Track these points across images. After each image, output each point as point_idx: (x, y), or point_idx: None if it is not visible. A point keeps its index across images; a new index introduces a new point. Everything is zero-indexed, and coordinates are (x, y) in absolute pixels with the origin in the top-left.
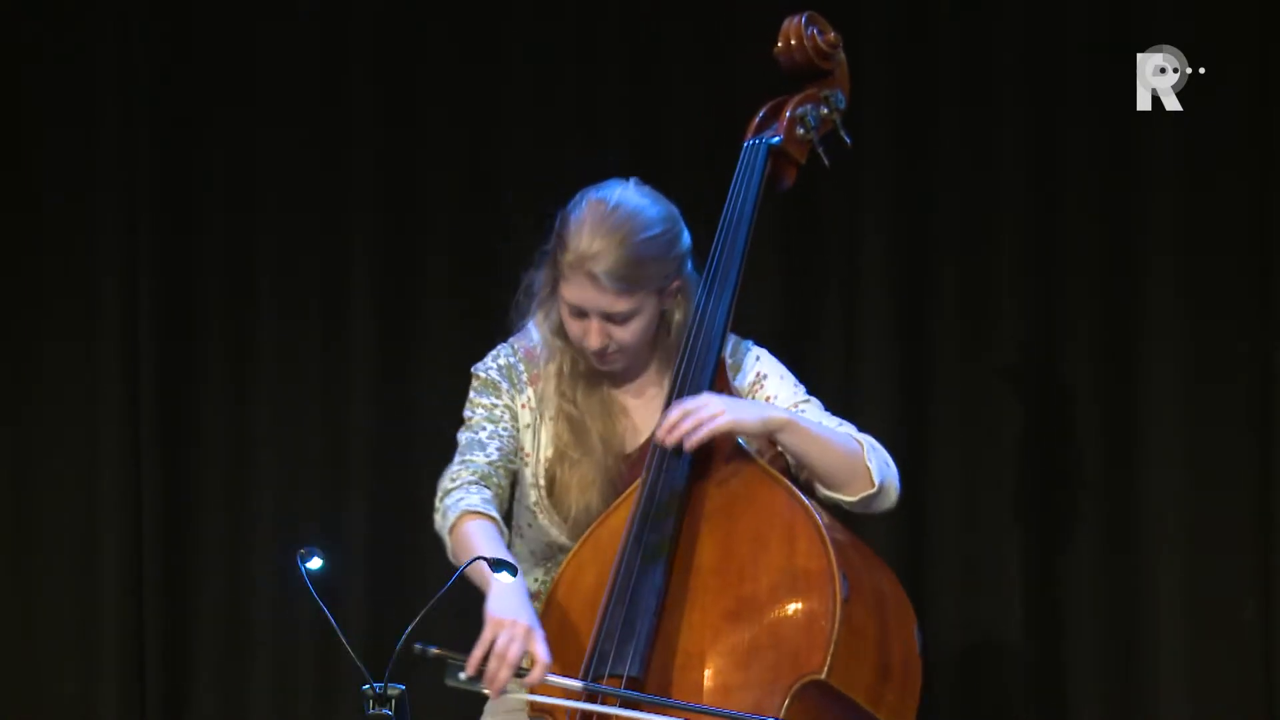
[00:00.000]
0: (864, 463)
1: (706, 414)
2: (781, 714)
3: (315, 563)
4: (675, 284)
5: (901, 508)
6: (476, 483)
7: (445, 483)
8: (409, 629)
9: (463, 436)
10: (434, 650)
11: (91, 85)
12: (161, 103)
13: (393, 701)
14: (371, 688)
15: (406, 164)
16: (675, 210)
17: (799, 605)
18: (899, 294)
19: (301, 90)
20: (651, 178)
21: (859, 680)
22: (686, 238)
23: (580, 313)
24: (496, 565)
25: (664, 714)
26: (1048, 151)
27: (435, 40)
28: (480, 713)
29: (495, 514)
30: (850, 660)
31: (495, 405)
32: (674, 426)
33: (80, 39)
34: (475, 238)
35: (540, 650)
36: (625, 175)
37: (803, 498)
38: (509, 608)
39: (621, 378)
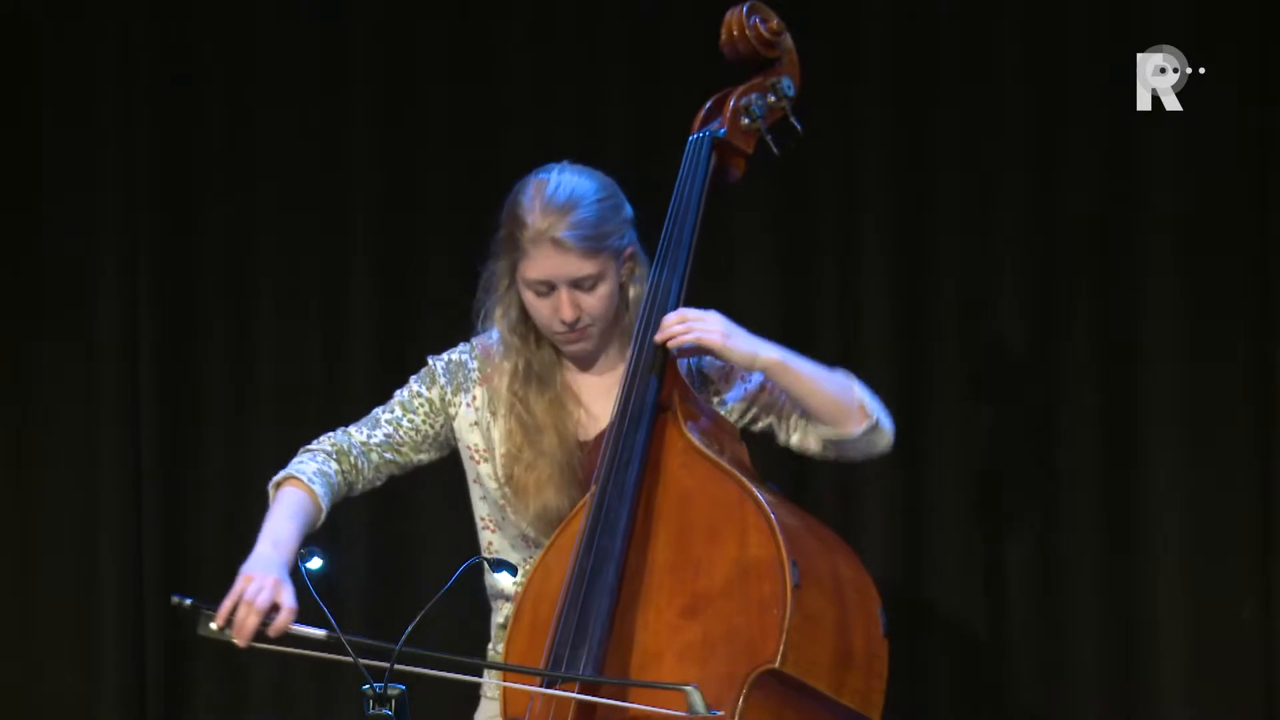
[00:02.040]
0: (856, 396)
1: (701, 326)
2: (739, 705)
3: (315, 563)
4: (629, 250)
5: (902, 507)
6: (330, 454)
7: (313, 442)
8: (409, 628)
9: (374, 409)
10: (188, 601)
11: (91, 85)
12: (161, 103)
13: (393, 701)
14: (371, 688)
15: (406, 164)
16: (614, 181)
17: (751, 595)
18: (899, 294)
19: (301, 90)
20: (651, 177)
21: (818, 667)
22: (628, 205)
23: (548, 287)
24: (497, 565)
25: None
26: (1048, 151)
27: (435, 40)
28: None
29: (319, 489)
30: (807, 647)
31: (419, 395)
32: (668, 328)
33: (80, 39)
34: (475, 238)
35: (286, 599)
36: (625, 176)
37: (754, 489)
38: (262, 565)
39: (582, 363)
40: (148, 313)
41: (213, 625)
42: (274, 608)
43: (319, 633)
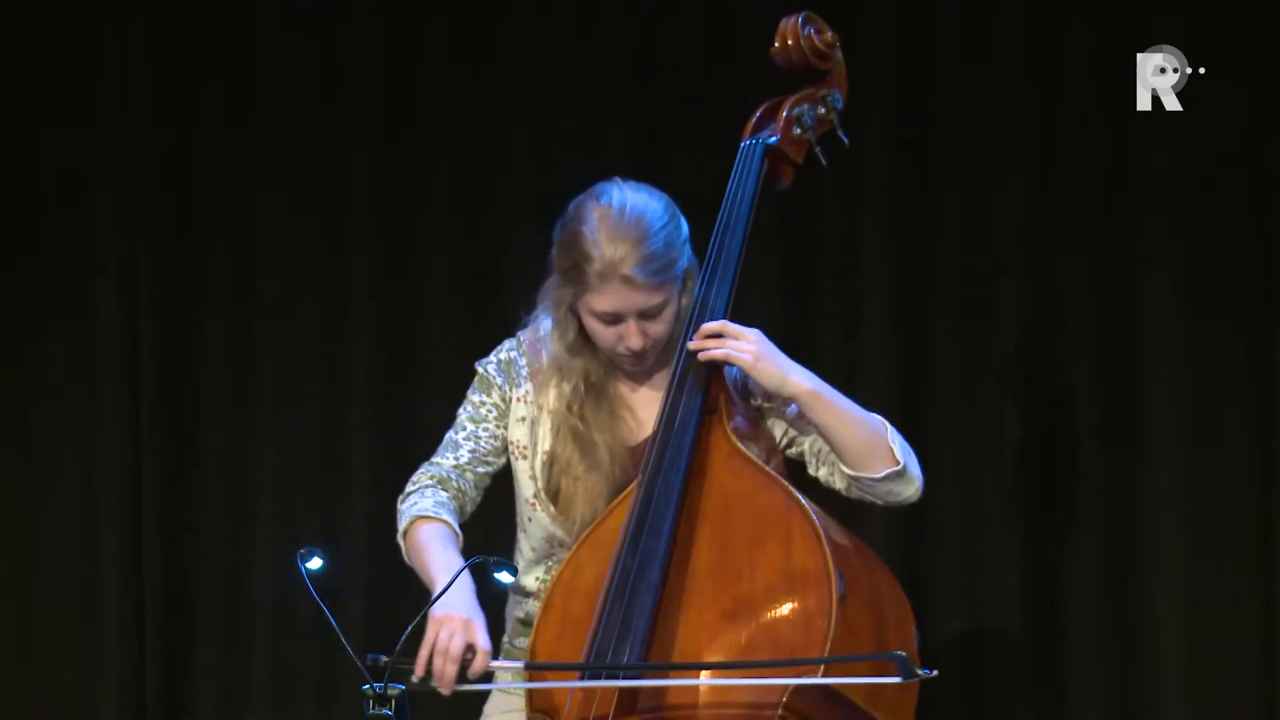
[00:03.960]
0: (886, 441)
1: (734, 344)
2: (779, 712)
3: (315, 563)
4: (688, 268)
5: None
6: (433, 486)
7: (408, 485)
8: (409, 629)
9: (446, 435)
10: (384, 659)
11: (92, 85)
12: (161, 103)
13: (393, 701)
14: (371, 688)
15: (406, 164)
16: (667, 196)
17: (795, 604)
18: (899, 294)
19: (301, 90)
20: (651, 178)
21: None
22: (684, 221)
23: (616, 319)
24: (498, 565)
25: (665, 679)
26: (1048, 151)
27: (435, 40)
28: (480, 714)
29: (448, 517)
30: None
31: (483, 403)
32: (703, 338)
33: (80, 39)
34: (475, 238)
35: (480, 639)
36: (626, 177)
37: (800, 497)
38: (448, 604)
39: (637, 374)
40: (148, 313)
41: (413, 678)
42: (469, 649)
43: (516, 665)
